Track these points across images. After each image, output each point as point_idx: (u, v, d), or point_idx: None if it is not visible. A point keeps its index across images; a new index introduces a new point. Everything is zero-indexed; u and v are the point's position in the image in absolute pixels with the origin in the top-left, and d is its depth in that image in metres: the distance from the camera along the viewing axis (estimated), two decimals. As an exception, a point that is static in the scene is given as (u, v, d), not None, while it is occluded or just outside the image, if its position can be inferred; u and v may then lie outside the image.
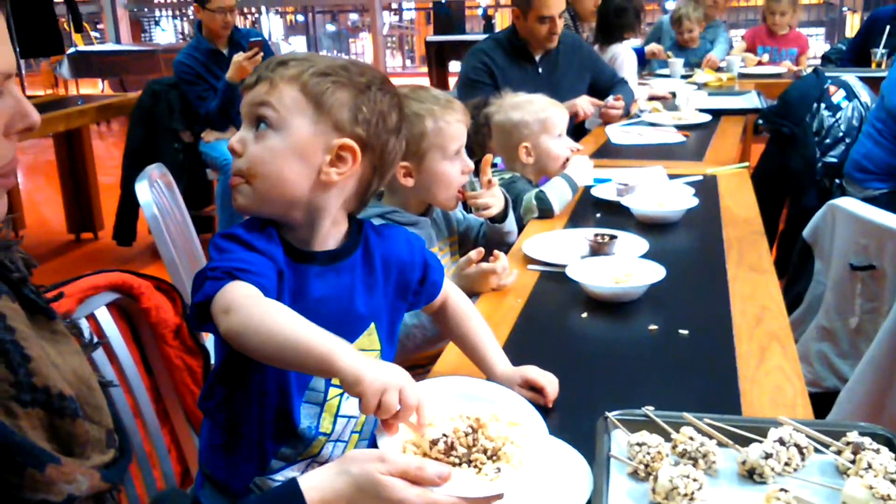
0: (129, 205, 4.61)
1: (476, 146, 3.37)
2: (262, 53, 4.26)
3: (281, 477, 1.24)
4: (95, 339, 1.36)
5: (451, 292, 1.40)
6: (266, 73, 1.15)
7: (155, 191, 2.35)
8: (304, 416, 1.21)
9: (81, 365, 0.88)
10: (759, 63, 5.67)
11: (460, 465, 0.95)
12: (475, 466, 0.95)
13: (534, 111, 2.56)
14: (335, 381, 1.17)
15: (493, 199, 2.00)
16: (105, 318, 1.54)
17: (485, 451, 0.96)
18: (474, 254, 1.78)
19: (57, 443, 0.81)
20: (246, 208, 1.17)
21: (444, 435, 0.96)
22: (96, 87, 9.84)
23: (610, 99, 3.73)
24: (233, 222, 3.75)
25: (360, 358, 0.94)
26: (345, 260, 1.21)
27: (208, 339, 2.44)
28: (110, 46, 9.17)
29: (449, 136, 1.80)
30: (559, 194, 2.42)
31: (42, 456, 0.77)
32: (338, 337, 0.97)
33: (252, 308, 1.00)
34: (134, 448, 1.03)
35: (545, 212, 2.40)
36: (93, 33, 11.19)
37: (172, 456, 1.66)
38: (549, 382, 1.30)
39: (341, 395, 1.23)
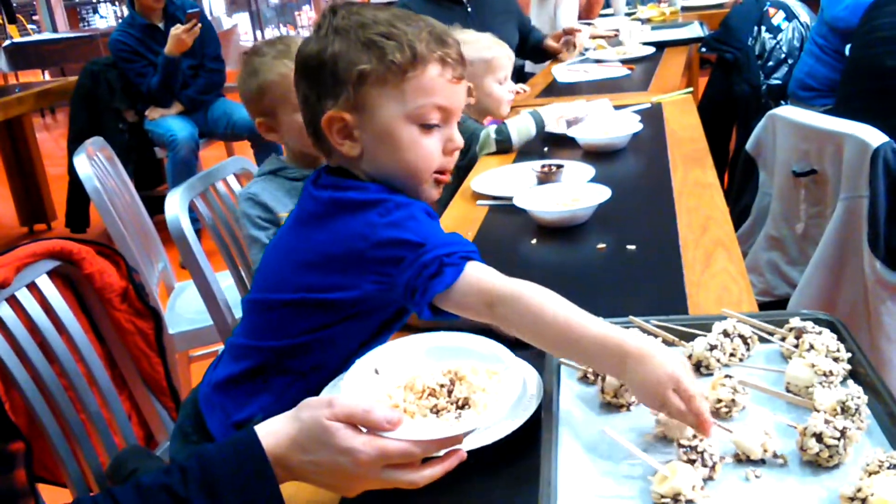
0: (78, 190, 4.52)
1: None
2: (200, 24, 4.18)
3: None
4: None
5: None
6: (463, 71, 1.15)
7: (95, 164, 2.30)
8: None
9: None
10: None
11: (435, 414, 0.93)
12: (442, 416, 0.93)
13: (478, 50, 2.48)
14: None
15: None
16: (47, 286, 1.51)
17: (455, 402, 0.93)
18: None
19: None
20: None
21: (422, 387, 0.95)
22: (38, 79, 9.61)
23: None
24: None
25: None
26: None
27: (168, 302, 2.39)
28: (47, 35, 8.93)
29: None
30: (521, 129, 2.35)
31: None
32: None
33: (524, 308, 1.02)
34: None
35: (503, 146, 2.34)
36: (29, 25, 10.90)
37: (134, 421, 1.65)
38: None
39: None
